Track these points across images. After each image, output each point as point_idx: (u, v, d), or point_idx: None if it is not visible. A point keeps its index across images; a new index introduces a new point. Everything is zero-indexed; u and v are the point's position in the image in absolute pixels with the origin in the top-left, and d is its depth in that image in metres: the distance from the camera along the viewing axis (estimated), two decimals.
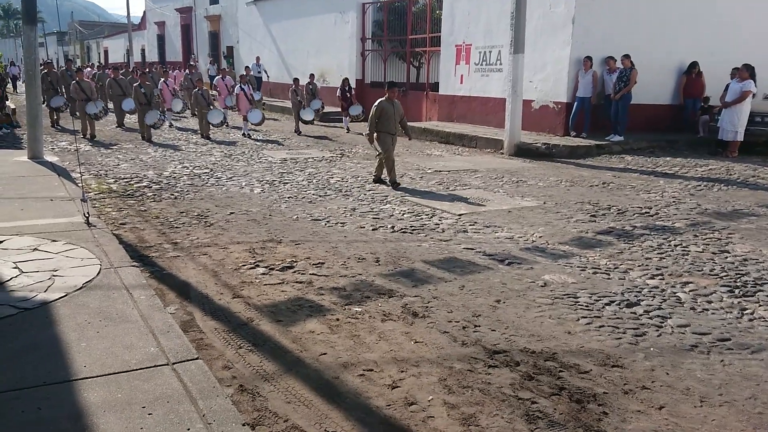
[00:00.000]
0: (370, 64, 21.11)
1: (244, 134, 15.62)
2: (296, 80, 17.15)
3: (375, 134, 9.38)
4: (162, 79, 18.88)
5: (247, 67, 22.03)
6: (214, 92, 20.19)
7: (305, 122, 16.58)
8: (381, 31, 20.65)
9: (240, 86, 16.31)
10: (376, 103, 9.37)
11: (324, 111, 18.29)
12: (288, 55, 24.65)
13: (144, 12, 43.22)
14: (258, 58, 24.86)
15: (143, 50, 43.05)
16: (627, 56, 12.96)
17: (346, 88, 17.55)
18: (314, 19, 22.92)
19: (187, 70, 23.45)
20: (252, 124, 15.88)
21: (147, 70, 22.86)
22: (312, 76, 18.38)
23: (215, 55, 31.26)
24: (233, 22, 29.95)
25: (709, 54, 14.04)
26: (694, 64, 14.12)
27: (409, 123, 16.34)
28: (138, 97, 14.54)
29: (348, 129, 17.23)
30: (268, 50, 25.96)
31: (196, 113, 16.33)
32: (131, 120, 17.50)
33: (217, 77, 19.42)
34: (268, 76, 24.53)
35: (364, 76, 21.04)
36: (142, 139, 14.34)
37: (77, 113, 17.11)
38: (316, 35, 22.85)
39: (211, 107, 15.41)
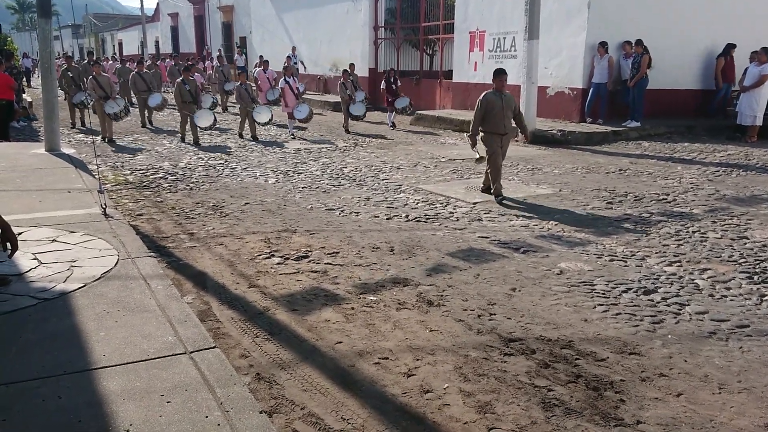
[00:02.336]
0: (383, 52, 21.02)
1: (291, 134, 13.97)
2: (346, 72, 15.51)
3: (479, 135, 7.68)
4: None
5: (288, 57, 20.85)
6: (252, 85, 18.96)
7: (355, 118, 14.87)
8: (394, 19, 20.53)
9: (285, 79, 14.36)
10: (480, 97, 7.63)
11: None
12: (301, 45, 24.60)
13: (158, 3, 43.39)
14: (294, 48, 23.14)
15: (157, 42, 43.22)
16: (639, 42, 12.77)
17: (392, 79, 15.79)
18: (327, 8, 22.85)
19: (217, 62, 22.11)
20: (298, 120, 14.09)
21: (190, 62, 20.84)
22: (352, 66, 16.63)
23: (240, 47, 29.95)
24: (246, 12, 29.94)
25: (727, 37, 13.79)
26: (731, 46, 13.67)
27: (421, 111, 16.39)
28: (183, 95, 12.66)
29: (393, 125, 15.52)
30: (281, 40, 25.92)
31: (239, 110, 14.11)
32: (162, 118, 16.49)
33: (258, 69, 17.56)
34: (305, 68, 23.13)
35: (377, 65, 20.96)
36: (182, 141, 12.78)
37: (94, 110, 16.79)
38: (329, 24, 22.79)
39: (256, 104, 13.69)
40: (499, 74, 7.58)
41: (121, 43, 50.87)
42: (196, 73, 16.90)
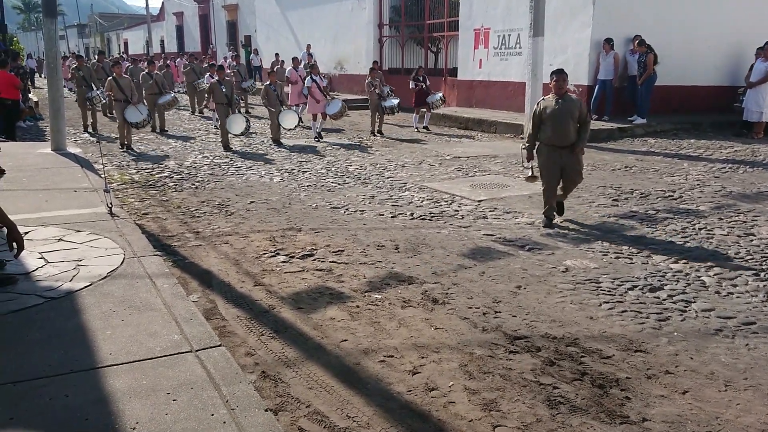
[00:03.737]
0: (388, 50, 21.00)
1: (316, 137, 13.00)
2: (374, 69, 14.25)
3: (534, 146, 6.57)
4: (208, 74, 16.08)
5: (310, 54, 19.94)
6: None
7: (389, 112, 13.74)
8: (398, 16, 20.51)
9: (311, 77, 13.41)
10: (538, 102, 6.55)
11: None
12: (305, 43, 24.61)
13: (162, 3, 43.43)
14: (309, 47, 21.84)
15: (162, 41, 43.32)
16: (642, 42, 12.70)
17: (421, 78, 14.27)
18: (331, 6, 22.84)
19: (234, 62, 21.26)
20: (329, 115, 13.24)
21: (212, 61, 19.83)
22: (376, 63, 15.61)
23: (246, 46, 29.37)
24: (251, 11, 29.95)
25: (734, 33, 13.71)
26: None
27: (424, 109, 16.19)
28: (219, 97, 11.84)
29: (426, 128, 14.36)
30: (286, 39, 25.94)
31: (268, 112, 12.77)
32: (168, 118, 15.47)
33: (289, 68, 15.98)
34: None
35: (381, 63, 20.94)
36: (225, 148, 11.62)
37: (104, 111, 15.76)
38: (333, 22, 22.78)
39: (284, 107, 12.52)
40: (557, 74, 6.26)
41: (126, 42, 50.98)
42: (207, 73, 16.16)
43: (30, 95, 17.42)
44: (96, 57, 20.27)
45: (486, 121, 14.29)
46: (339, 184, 8.60)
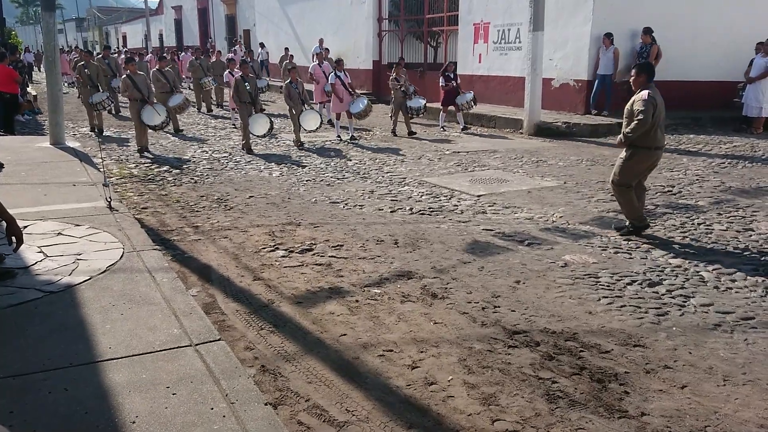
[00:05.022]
0: (387, 45, 20.95)
1: (340, 136, 12.15)
2: (399, 65, 13.28)
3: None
4: (227, 71, 15.21)
5: (327, 49, 18.81)
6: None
7: (415, 112, 12.79)
8: (398, 10, 20.44)
9: (335, 73, 12.42)
10: (645, 96, 5.51)
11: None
12: (305, 38, 24.51)
13: None
14: (321, 41, 20.30)
15: (161, 35, 43.20)
16: (648, 32, 12.69)
17: (451, 75, 13.31)
18: (331, 0, 22.77)
19: (246, 57, 19.07)
20: (353, 114, 12.20)
21: (215, 57, 18.20)
22: (402, 60, 14.58)
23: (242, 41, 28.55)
24: (249, 4, 29.87)
25: (738, 27, 13.68)
26: None
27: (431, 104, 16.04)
28: (241, 94, 10.82)
29: (466, 126, 13.31)
30: (285, 33, 25.86)
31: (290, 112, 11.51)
32: (189, 122, 14.50)
33: (313, 64, 14.57)
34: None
35: (381, 58, 20.90)
36: (248, 151, 10.69)
37: (111, 111, 14.88)
38: (333, 17, 22.71)
39: (306, 107, 11.37)
40: (645, 71, 5.71)
41: (125, 36, 50.85)
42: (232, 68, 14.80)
43: (28, 89, 17.35)
44: (101, 52, 17.98)
45: (485, 116, 14.27)
46: (338, 178, 8.60)
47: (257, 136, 11.13)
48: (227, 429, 2.60)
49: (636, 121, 5.54)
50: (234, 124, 13.88)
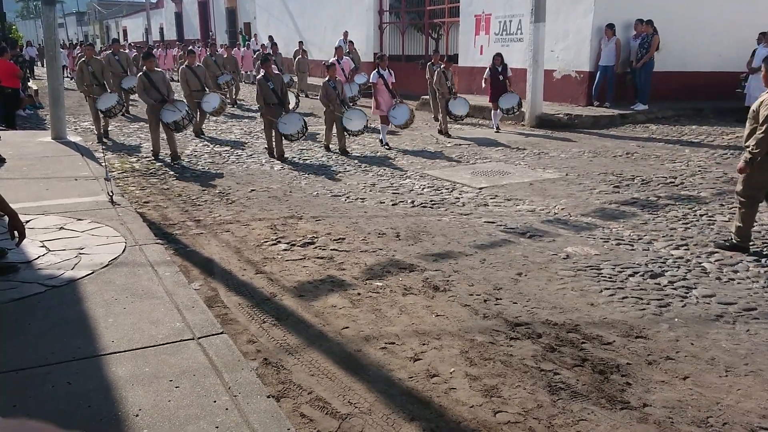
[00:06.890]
0: (388, 37, 20.88)
1: (383, 143, 10.54)
2: (444, 57, 12.29)
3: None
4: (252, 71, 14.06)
5: (351, 42, 17.88)
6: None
7: (458, 119, 11.59)
8: (399, 2, 20.36)
9: (378, 71, 10.62)
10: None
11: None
12: (306, 31, 24.45)
13: None
14: (346, 33, 19.06)
15: (162, 29, 43.10)
16: (649, 22, 12.63)
17: (500, 69, 11.74)
18: None
19: (267, 51, 17.94)
20: (395, 126, 10.85)
21: (224, 52, 17.24)
22: (442, 56, 13.36)
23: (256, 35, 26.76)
24: None
25: (739, 18, 13.61)
26: None
27: (426, 96, 16.10)
28: (266, 95, 9.48)
29: (497, 128, 12.05)
30: (286, 26, 25.77)
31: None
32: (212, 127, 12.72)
33: (331, 59, 12.82)
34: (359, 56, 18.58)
35: (382, 50, 20.83)
36: (270, 156, 9.69)
37: (123, 111, 13.15)
38: (333, 9, 22.62)
39: (347, 107, 10.05)
40: None
41: (125, 30, 50.73)
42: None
43: (29, 84, 17.33)
44: (110, 46, 16.32)
45: (487, 108, 14.22)
46: (340, 171, 8.59)
47: (289, 138, 9.44)
48: (230, 422, 2.61)
49: (763, 134, 4.72)
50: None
